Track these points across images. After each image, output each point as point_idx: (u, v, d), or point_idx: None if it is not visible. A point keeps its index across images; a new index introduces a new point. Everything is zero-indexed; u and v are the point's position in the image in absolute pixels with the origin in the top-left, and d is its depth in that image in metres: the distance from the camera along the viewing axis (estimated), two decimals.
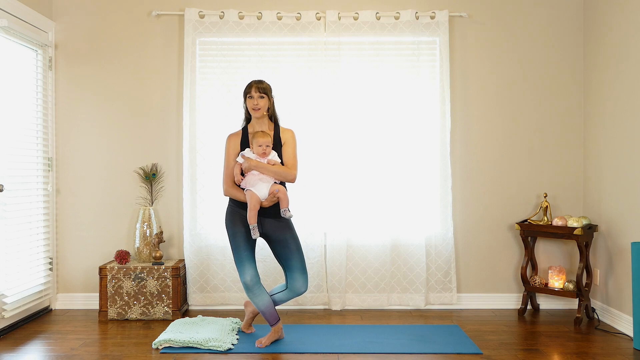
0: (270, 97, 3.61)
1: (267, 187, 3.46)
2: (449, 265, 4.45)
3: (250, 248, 3.55)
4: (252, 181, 3.46)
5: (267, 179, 3.47)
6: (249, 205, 3.44)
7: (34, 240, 4.22)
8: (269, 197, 3.47)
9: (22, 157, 4.10)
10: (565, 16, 4.52)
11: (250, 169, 3.47)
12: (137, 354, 3.45)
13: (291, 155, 3.59)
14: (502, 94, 4.54)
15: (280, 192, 3.46)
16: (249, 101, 3.57)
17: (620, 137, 3.99)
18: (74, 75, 4.52)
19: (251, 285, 3.49)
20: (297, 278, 3.57)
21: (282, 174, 3.51)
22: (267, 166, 3.47)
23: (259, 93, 3.54)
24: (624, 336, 3.81)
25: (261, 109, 3.55)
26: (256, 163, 3.47)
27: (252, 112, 3.57)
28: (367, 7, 4.48)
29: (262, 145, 3.47)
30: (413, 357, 3.40)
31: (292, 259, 3.57)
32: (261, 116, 3.58)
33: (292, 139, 3.62)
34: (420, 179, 4.46)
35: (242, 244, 3.53)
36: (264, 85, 3.58)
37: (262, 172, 3.47)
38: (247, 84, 3.61)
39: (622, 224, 3.97)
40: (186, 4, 4.49)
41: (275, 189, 3.46)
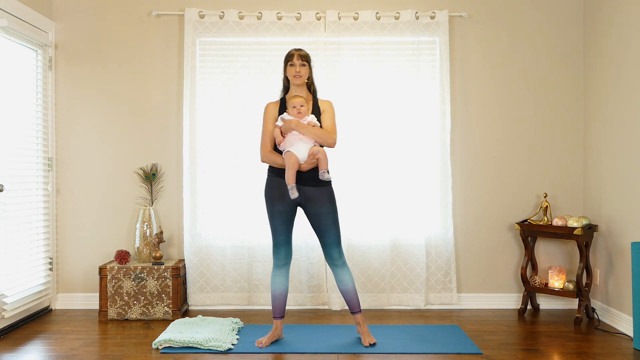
0: (310, 66, 3.59)
1: (307, 148, 3.40)
2: (449, 265, 4.45)
3: (286, 229, 3.53)
4: (292, 141, 3.41)
5: (307, 139, 3.41)
6: (287, 165, 3.37)
7: (34, 240, 4.22)
8: (308, 159, 3.40)
9: (22, 157, 4.10)
10: (565, 16, 4.52)
11: (291, 129, 3.42)
12: (137, 354, 3.45)
13: (330, 121, 3.55)
14: (502, 94, 4.54)
15: (320, 153, 3.38)
16: (290, 69, 3.54)
17: (620, 137, 3.99)
18: (74, 75, 4.52)
19: (280, 266, 3.57)
20: (331, 252, 3.53)
21: (323, 136, 3.46)
22: (308, 126, 3.43)
23: (301, 60, 3.53)
24: (624, 336, 3.81)
25: (302, 76, 3.53)
26: (297, 122, 3.42)
27: (293, 80, 3.54)
28: (367, 7, 4.48)
29: (296, 105, 3.43)
30: (413, 357, 3.40)
31: (327, 233, 3.51)
32: (301, 84, 3.56)
33: (331, 108, 3.59)
34: (420, 179, 4.46)
35: (278, 227, 3.52)
36: (304, 53, 3.57)
37: (302, 132, 3.41)
38: (288, 53, 3.58)
39: (622, 224, 3.97)
40: (186, 4, 4.49)
41: (315, 150, 3.39)
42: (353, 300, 3.58)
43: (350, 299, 3.58)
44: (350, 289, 3.57)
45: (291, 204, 3.51)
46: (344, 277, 3.57)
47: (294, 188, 3.36)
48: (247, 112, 4.45)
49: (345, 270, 3.57)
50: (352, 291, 3.57)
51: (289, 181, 3.37)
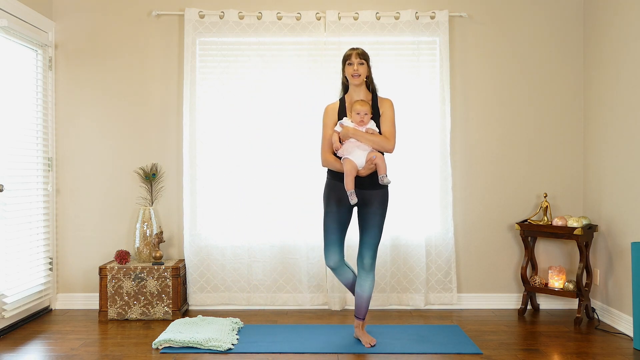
0: (369, 64, 3.56)
1: (364, 155, 3.41)
2: (449, 265, 4.45)
3: (340, 229, 3.55)
4: (350, 148, 3.42)
5: (365, 147, 3.42)
6: (345, 172, 3.39)
7: (34, 240, 4.22)
8: (366, 165, 3.40)
9: (22, 157, 4.10)
10: (565, 16, 4.52)
11: (348, 137, 3.42)
12: (137, 354, 3.45)
13: (389, 125, 3.52)
14: (502, 94, 4.54)
15: (378, 158, 3.39)
16: (348, 68, 3.51)
17: (620, 137, 3.99)
18: (74, 75, 4.52)
19: (335, 268, 3.61)
20: (363, 251, 3.52)
21: (380, 143, 3.44)
22: (365, 134, 3.42)
23: (359, 59, 3.49)
24: (624, 336, 3.81)
25: (361, 75, 3.50)
26: (354, 131, 3.42)
27: (352, 79, 3.51)
28: (367, 7, 4.48)
29: (360, 113, 3.42)
30: (413, 357, 3.40)
31: (367, 232, 3.52)
32: (360, 83, 3.53)
33: (391, 109, 3.55)
34: (420, 178, 4.46)
35: (330, 226, 3.54)
36: (363, 52, 3.54)
37: (360, 140, 3.41)
38: (346, 52, 3.55)
39: (622, 224, 3.97)
40: (186, 4, 4.49)
41: (372, 155, 3.39)
42: (363, 306, 3.59)
43: (361, 305, 3.58)
44: (365, 296, 3.57)
45: (346, 207, 3.53)
46: (365, 283, 3.56)
47: (353, 194, 3.39)
48: (247, 112, 4.45)
49: (369, 277, 3.56)
50: (366, 298, 3.57)
51: (348, 187, 3.39)
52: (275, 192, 4.46)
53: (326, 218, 3.56)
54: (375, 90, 3.61)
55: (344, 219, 3.56)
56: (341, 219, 3.54)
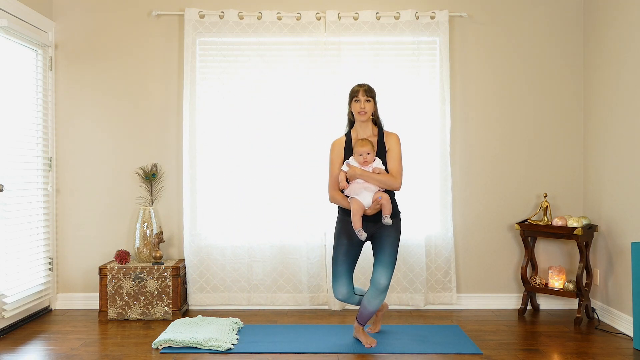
0: (376, 101, 3.57)
1: (371, 195, 3.44)
2: (448, 265, 4.45)
3: (349, 261, 3.55)
4: (357, 189, 3.44)
5: (372, 187, 3.44)
6: (352, 212, 3.42)
7: (34, 240, 4.22)
8: (372, 205, 3.43)
9: (22, 157, 4.10)
10: (565, 16, 4.52)
11: (355, 178, 3.44)
12: (137, 354, 3.45)
13: (396, 161, 3.52)
14: (502, 94, 4.54)
15: (384, 199, 3.42)
16: (355, 105, 3.52)
17: (620, 137, 3.99)
18: (74, 75, 4.52)
19: (343, 300, 3.58)
20: (379, 269, 3.47)
21: (387, 183, 3.46)
22: (372, 175, 3.43)
23: (366, 97, 3.50)
24: (624, 336, 3.81)
25: (367, 112, 3.51)
26: (361, 172, 3.43)
27: (358, 116, 3.52)
28: (367, 7, 4.48)
29: (362, 154, 3.43)
30: (413, 357, 3.40)
31: (382, 252, 3.51)
32: (366, 120, 3.55)
33: (397, 145, 3.54)
34: (420, 178, 4.46)
35: (340, 258, 3.55)
36: (369, 88, 3.55)
37: (367, 181, 3.43)
38: (352, 89, 3.56)
39: (622, 224, 3.97)
40: (186, 4, 4.49)
41: (378, 196, 3.42)
42: (365, 315, 3.55)
43: (365, 313, 3.54)
44: (371, 310, 3.52)
45: (358, 242, 3.56)
46: (374, 300, 3.48)
47: (361, 231, 3.41)
48: (247, 112, 4.45)
49: (380, 297, 3.48)
50: (370, 312, 3.53)
51: (355, 226, 3.41)
52: (275, 192, 4.46)
53: (336, 251, 3.57)
54: (380, 125, 3.63)
55: (354, 253, 3.58)
56: (350, 253, 3.56)
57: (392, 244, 3.51)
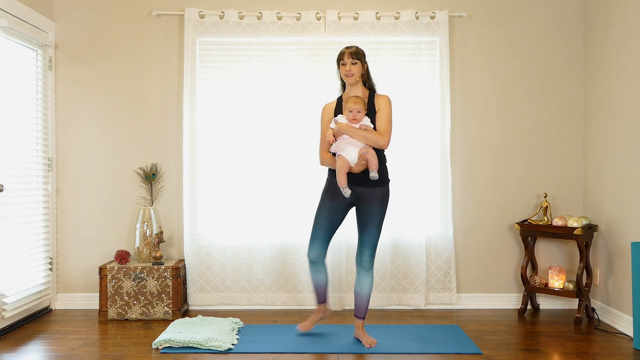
0: (364, 63, 3.57)
1: (356, 151, 3.41)
2: (448, 265, 4.45)
3: (328, 226, 3.56)
4: (342, 145, 3.42)
5: (357, 143, 3.42)
6: (337, 168, 3.40)
7: (34, 240, 4.22)
8: (358, 161, 3.41)
9: (22, 157, 4.10)
10: (565, 16, 4.52)
11: (341, 133, 3.43)
12: (137, 354, 3.45)
13: (384, 121, 3.50)
14: (502, 94, 4.54)
15: (369, 154, 3.39)
16: (342, 68, 3.54)
17: (620, 137, 3.99)
18: (74, 75, 4.52)
19: (314, 262, 3.61)
20: (362, 251, 3.53)
21: (373, 139, 3.43)
22: (357, 130, 3.42)
23: (352, 59, 3.50)
24: (624, 336, 3.81)
25: (354, 75, 3.51)
26: (346, 127, 3.42)
27: (345, 79, 3.54)
28: (367, 7, 4.48)
29: (352, 111, 3.42)
30: (413, 357, 3.40)
31: (366, 232, 3.52)
32: (354, 82, 3.54)
33: (387, 105, 3.53)
34: (420, 179, 4.46)
35: (320, 221, 3.56)
36: (355, 50, 3.54)
37: (352, 136, 3.41)
38: (340, 52, 3.58)
39: (622, 224, 3.97)
40: (186, 4, 4.49)
41: (363, 151, 3.39)
42: (362, 305, 3.60)
43: (361, 303, 3.60)
44: (365, 294, 3.58)
45: (342, 204, 3.54)
46: (364, 281, 3.57)
47: (345, 188, 3.39)
48: (247, 112, 4.45)
49: (368, 275, 3.57)
50: (365, 297, 3.59)
51: (340, 183, 3.40)
52: (275, 192, 4.46)
53: (318, 212, 3.59)
54: (372, 87, 3.62)
55: (336, 217, 3.57)
56: (332, 216, 3.55)
57: (377, 223, 3.51)
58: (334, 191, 3.52)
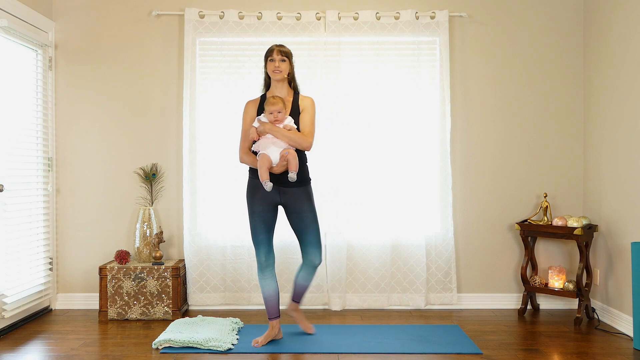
0: (292, 62, 3.58)
1: (279, 151, 3.41)
2: (449, 265, 4.45)
3: (267, 229, 3.55)
4: (265, 144, 3.42)
5: (280, 143, 3.42)
6: (259, 164, 3.39)
7: (34, 240, 4.22)
8: (279, 162, 3.40)
9: (22, 157, 4.10)
10: (565, 16, 4.52)
11: (265, 133, 3.43)
12: (137, 354, 3.45)
13: (308, 122, 3.51)
14: (502, 94, 4.54)
15: (290, 155, 3.38)
16: (270, 64, 3.53)
17: (620, 137, 3.99)
18: (74, 75, 4.52)
19: (265, 266, 3.55)
20: (311, 251, 3.57)
21: (297, 140, 3.43)
22: (281, 130, 3.42)
23: (281, 56, 3.51)
24: (624, 336, 3.81)
25: (282, 71, 3.51)
26: (270, 126, 3.42)
27: (273, 75, 3.52)
28: (367, 7, 4.48)
29: (272, 112, 3.42)
30: (413, 357, 3.40)
31: (306, 233, 3.55)
32: (281, 79, 3.54)
33: (311, 107, 3.55)
34: (420, 179, 4.46)
35: (258, 226, 3.53)
36: (285, 49, 3.56)
37: (276, 136, 3.41)
38: (269, 48, 3.58)
39: (622, 224, 3.97)
40: (186, 4, 4.49)
41: (285, 152, 3.39)
42: (301, 294, 3.75)
43: (302, 292, 3.75)
44: (308, 285, 3.73)
45: (271, 205, 3.53)
46: (310, 276, 3.69)
47: (267, 183, 3.37)
48: None
49: (314, 272, 3.67)
50: (307, 288, 3.75)
51: (262, 178, 3.38)
52: None
53: (252, 219, 3.54)
54: (297, 88, 3.64)
55: (270, 219, 3.56)
56: (266, 219, 3.54)
57: (313, 220, 3.56)
58: (259, 194, 3.50)
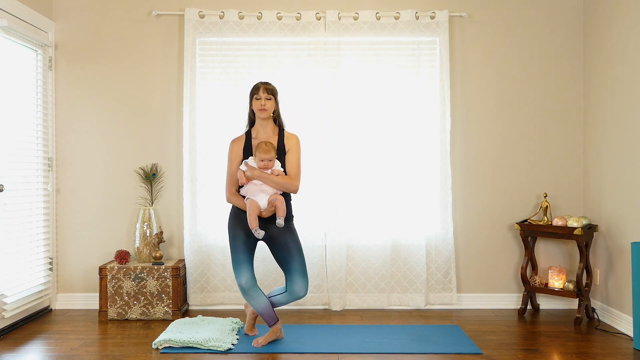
0: (277, 99, 3.61)
1: (267, 197, 3.47)
2: (449, 265, 4.45)
3: (248, 251, 3.54)
4: (254, 191, 3.47)
5: (268, 189, 3.47)
6: (248, 211, 3.45)
7: (34, 240, 4.22)
8: (267, 207, 3.47)
9: (22, 157, 4.10)
10: (565, 16, 4.52)
11: (253, 179, 3.46)
12: (137, 354, 3.45)
13: (294, 164, 3.55)
14: (502, 94, 4.54)
15: (278, 201, 3.46)
16: (256, 102, 3.55)
17: (620, 137, 3.99)
18: (74, 75, 4.52)
19: (247, 288, 3.48)
20: (297, 281, 3.53)
21: (285, 185, 3.49)
22: (270, 177, 3.46)
23: (267, 94, 3.53)
24: (624, 336, 3.81)
25: (268, 110, 3.53)
26: (259, 173, 3.45)
27: (259, 113, 3.55)
28: (367, 7, 4.48)
29: (264, 160, 3.46)
30: (413, 357, 3.40)
31: (292, 262, 3.54)
32: (267, 117, 3.57)
33: (297, 147, 3.59)
34: (420, 179, 4.46)
35: (240, 247, 3.53)
36: (271, 87, 3.58)
37: (265, 183, 3.45)
38: (254, 85, 3.60)
39: (622, 224, 3.97)
40: (186, 4, 4.49)
41: (272, 198, 3.46)
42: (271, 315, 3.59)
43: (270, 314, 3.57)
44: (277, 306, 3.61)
45: (252, 238, 3.56)
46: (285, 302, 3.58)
47: (258, 230, 3.44)
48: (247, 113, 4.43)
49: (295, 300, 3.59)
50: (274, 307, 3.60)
51: (251, 225, 3.44)
52: None
53: (233, 241, 3.55)
54: (282, 125, 3.66)
55: (251, 243, 3.58)
56: (248, 242, 3.56)
57: (298, 250, 3.55)
58: (244, 225, 3.53)
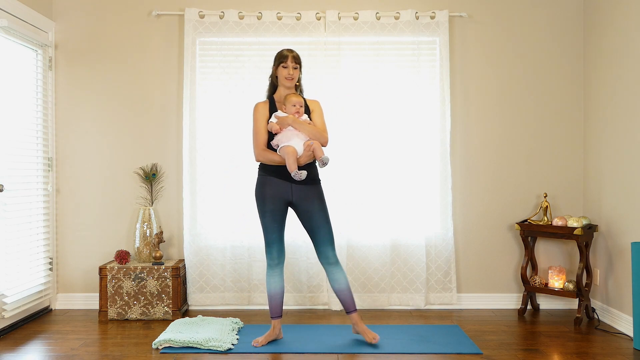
0: (301, 68, 3.64)
1: (302, 142, 3.47)
2: (449, 265, 4.45)
3: (279, 229, 3.57)
4: (289, 136, 3.47)
5: (302, 136, 3.48)
6: (287, 155, 3.42)
7: (34, 240, 4.22)
8: (304, 152, 3.46)
9: (22, 157, 4.10)
10: (565, 16, 4.52)
11: (287, 124, 3.47)
12: (137, 354, 3.45)
13: (321, 120, 3.63)
14: (502, 94, 4.54)
15: (315, 143, 3.46)
16: (283, 70, 3.56)
17: (620, 137, 3.99)
18: (74, 75, 4.52)
19: (273, 265, 3.57)
20: (323, 250, 3.55)
21: (317, 134, 3.52)
22: (304, 123, 3.49)
23: (294, 63, 3.56)
24: (624, 336, 3.81)
25: (294, 79, 3.58)
26: (293, 118, 3.48)
27: (285, 82, 3.57)
28: (367, 7, 4.48)
29: (295, 104, 3.50)
30: (413, 357, 3.40)
31: (319, 232, 3.55)
32: (291, 86, 3.61)
33: (320, 108, 3.67)
34: (420, 179, 4.46)
35: (270, 226, 3.55)
36: (297, 55, 3.61)
37: (298, 129, 3.47)
38: (280, 53, 3.60)
39: (622, 224, 3.97)
40: (186, 4, 4.49)
41: (309, 142, 3.46)
42: (348, 299, 3.59)
43: (345, 298, 3.58)
44: (344, 288, 3.58)
45: (282, 203, 3.55)
46: (338, 276, 3.58)
47: (296, 172, 3.40)
48: (247, 113, 4.43)
49: (339, 269, 3.59)
50: (346, 290, 3.58)
51: (291, 169, 3.41)
52: None
53: (264, 218, 3.56)
54: (302, 92, 3.71)
55: (281, 217, 3.58)
56: (278, 218, 3.56)
57: (325, 219, 3.56)
58: (273, 190, 3.52)
